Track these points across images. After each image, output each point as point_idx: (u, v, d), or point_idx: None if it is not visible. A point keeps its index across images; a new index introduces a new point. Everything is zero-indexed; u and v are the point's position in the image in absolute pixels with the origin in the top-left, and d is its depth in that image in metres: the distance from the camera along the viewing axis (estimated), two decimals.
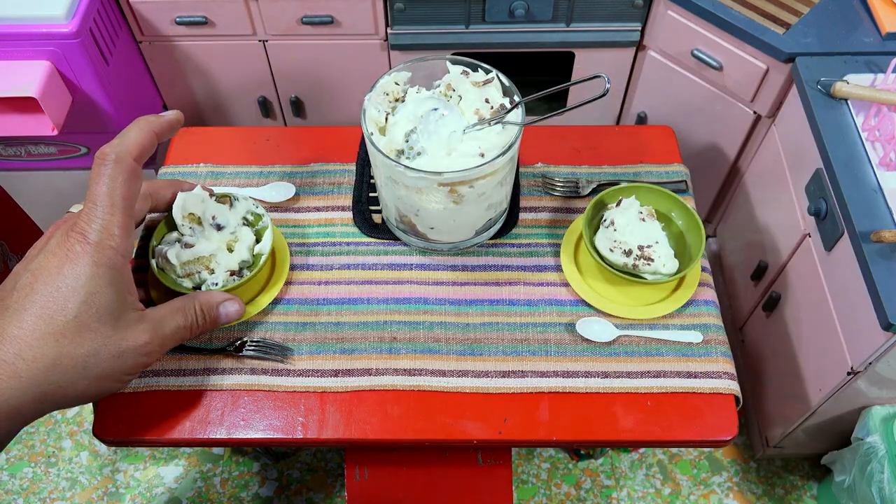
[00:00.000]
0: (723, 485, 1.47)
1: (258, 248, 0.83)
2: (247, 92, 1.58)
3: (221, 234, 0.80)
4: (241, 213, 0.83)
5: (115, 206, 0.62)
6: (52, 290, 0.59)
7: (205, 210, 0.80)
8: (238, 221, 0.83)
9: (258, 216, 0.84)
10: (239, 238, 0.82)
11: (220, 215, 0.81)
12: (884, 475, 1.11)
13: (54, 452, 1.52)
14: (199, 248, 0.78)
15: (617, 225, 0.86)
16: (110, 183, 0.62)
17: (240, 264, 0.80)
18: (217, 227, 0.80)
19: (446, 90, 0.84)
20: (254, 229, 0.84)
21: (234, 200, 0.83)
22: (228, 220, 0.81)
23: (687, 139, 1.50)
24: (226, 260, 0.80)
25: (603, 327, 0.85)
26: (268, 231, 0.82)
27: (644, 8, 1.38)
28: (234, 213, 0.82)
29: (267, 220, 0.83)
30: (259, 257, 0.83)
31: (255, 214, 0.84)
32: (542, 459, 1.49)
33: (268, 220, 0.83)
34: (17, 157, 1.50)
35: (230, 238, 0.81)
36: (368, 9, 1.39)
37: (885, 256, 0.96)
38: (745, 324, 1.46)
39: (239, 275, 0.80)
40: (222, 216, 0.81)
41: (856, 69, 1.16)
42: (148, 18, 1.42)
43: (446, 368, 0.83)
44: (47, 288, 0.59)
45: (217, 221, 0.80)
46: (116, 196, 0.62)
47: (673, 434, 0.79)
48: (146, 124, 0.66)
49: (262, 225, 0.84)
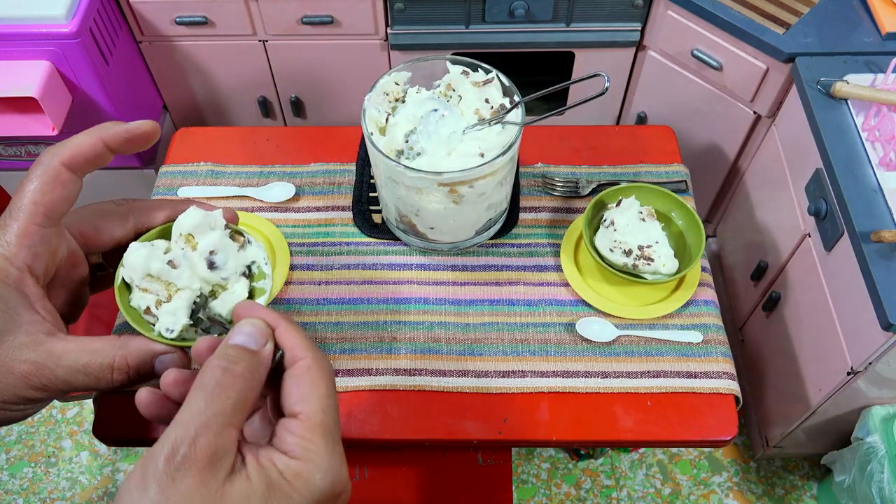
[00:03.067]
0: (723, 485, 1.47)
1: None
2: (247, 92, 1.58)
3: (210, 274, 0.62)
4: (246, 261, 0.65)
5: (20, 210, 0.54)
6: None
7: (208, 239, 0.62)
8: (238, 268, 0.64)
9: (262, 274, 0.65)
10: (228, 288, 0.64)
11: (220, 252, 0.63)
12: (884, 475, 1.11)
13: (54, 452, 1.52)
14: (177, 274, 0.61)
15: (617, 225, 0.86)
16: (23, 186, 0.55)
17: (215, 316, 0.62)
18: (210, 264, 0.62)
19: (446, 90, 0.84)
20: (249, 285, 0.65)
21: (248, 244, 0.65)
22: (227, 262, 0.63)
23: (687, 139, 1.50)
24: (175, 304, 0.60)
25: (603, 327, 0.85)
26: (264, 296, 0.64)
27: (644, 8, 1.38)
28: (239, 255, 0.64)
29: (267, 284, 0.65)
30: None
31: (261, 271, 0.65)
32: (542, 459, 1.49)
33: (269, 283, 0.65)
34: (17, 157, 1.50)
35: (219, 282, 0.63)
36: (368, 9, 1.39)
37: (885, 256, 0.96)
38: (745, 324, 1.46)
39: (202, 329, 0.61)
40: (223, 255, 0.63)
41: (856, 69, 1.16)
42: (148, 18, 1.42)
43: (446, 368, 0.83)
44: None
45: (213, 258, 0.62)
46: (25, 200, 0.54)
47: (673, 434, 0.79)
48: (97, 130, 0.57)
49: (260, 285, 0.65)
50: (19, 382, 0.53)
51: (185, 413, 0.41)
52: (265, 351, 0.46)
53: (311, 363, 0.46)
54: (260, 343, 0.46)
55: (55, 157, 0.55)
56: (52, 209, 0.54)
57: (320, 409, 0.45)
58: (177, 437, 0.40)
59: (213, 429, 0.40)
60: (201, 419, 0.40)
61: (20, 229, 0.54)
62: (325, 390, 0.46)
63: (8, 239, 0.54)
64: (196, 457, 0.39)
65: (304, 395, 0.45)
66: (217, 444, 0.40)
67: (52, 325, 0.55)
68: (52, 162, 0.54)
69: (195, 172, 1.00)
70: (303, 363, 0.46)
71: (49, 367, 0.53)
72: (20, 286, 0.54)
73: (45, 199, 0.54)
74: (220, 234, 0.63)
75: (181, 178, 1.00)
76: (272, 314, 0.49)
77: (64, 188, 0.55)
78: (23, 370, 0.52)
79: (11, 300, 0.53)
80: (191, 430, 0.40)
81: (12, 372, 0.52)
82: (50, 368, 0.53)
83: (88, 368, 0.54)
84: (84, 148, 0.56)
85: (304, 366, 0.46)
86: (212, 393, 0.42)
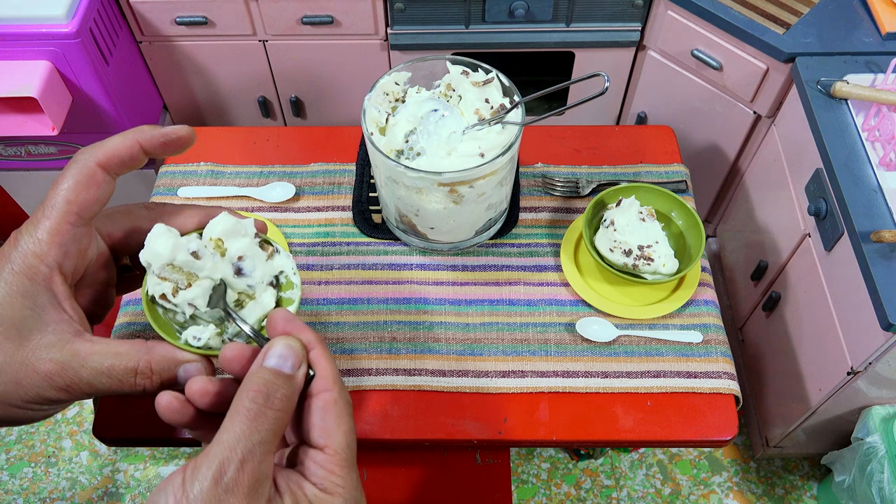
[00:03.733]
0: (723, 485, 1.47)
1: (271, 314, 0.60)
2: (247, 92, 1.58)
3: (238, 280, 0.62)
4: (275, 270, 0.64)
5: (53, 208, 0.53)
6: None
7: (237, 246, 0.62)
8: (265, 278, 0.63)
9: (290, 284, 0.64)
10: (256, 298, 0.63)
11: (248, 259, 0.62)
12: (884, 475, 1.11)
13: (54, 452, 1.52)
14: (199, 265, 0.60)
15: (617, 225, 0.86)
16: (58, 183, 0.55)
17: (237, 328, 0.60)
18: (237, 270, 0.61)
19: (446, 90, 0.84)
20: (277, 295, 0.64)
21: (276, 253, 0.64)
22: (255, 270, 0.62)
23: (687, 139, 1.50)
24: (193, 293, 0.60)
25: (603, 327, 0.85)
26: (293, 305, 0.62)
27: (644, 8, 1.38)
28: (267, 265, 0.63)
29: (296, 294, 0.64)
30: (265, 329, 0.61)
31: (289, 281, 0.64)
32: (542, 459, 1.49)
33: (297, 293, 0.64)
34: (17, 157, 1.50)
35: (244, 290, 0.63)
36: (368, 9, 1.39)
37: (885, 256, 0.96)
38: (745, 324, 1.46)
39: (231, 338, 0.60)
40: (250, 262, 0.62)
41: (856, 69, 1.16)
42: (148, 18, 1.42)
43: (446, 368, 0.83)
44: None
45: (240, 264, 0.61)
46: (59, 199, 0.54)
47: (673, 434, 0.79)
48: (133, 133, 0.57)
49: (289, 295, 0.64)
50: (43, 382, 0.52)
51: (229, 435, 0.41)
52: (299, 375, 0.46)
53: (337, 397, 0.46)
54: (295, 366, 0.46)
55: (91, 157, 0.55)
56: (85, 208, 0.54)
57: (346, 445, 0.46)
58: (223, 458, 0.40)
59: (258, 456, 0.41)
60: (247, 445, 0.41)
61: (52, 227, 0.53)
62: (348, 426, 0.46)
63: (39, 236, 0.53)
64: (243, 482, 0.40)
65: (331, 429, 0.46)
66: (260, 470, 0.41)
67: (79, 324, 0.54)
68: (87, 162, 0.55)
69: (195, 172, 1.00)
70: (329, 395, 0.46)
71: (73, 367, 0.53)
72: (49, 284, 0.54)
73: (78, 198, 0.54)
74: (250, 241, 0.62)
75: (181, 178, 1.00)
76: (310, 334, 0.49)
77: (98, 188, 0.55)
78: (47, 369, 0.52)
79: (40, 298, 0.53)
80: (237, 453, 0.41)
81: (37, 371, 0.52)
82: (74, 369, 0.53)
83: (113, 371, 0.53)
84: (120, 150, 0.56)
85: (330, 399, 0.46)
86: (254, 421, 0.42)
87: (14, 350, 0.52)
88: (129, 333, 0.86)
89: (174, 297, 0.55)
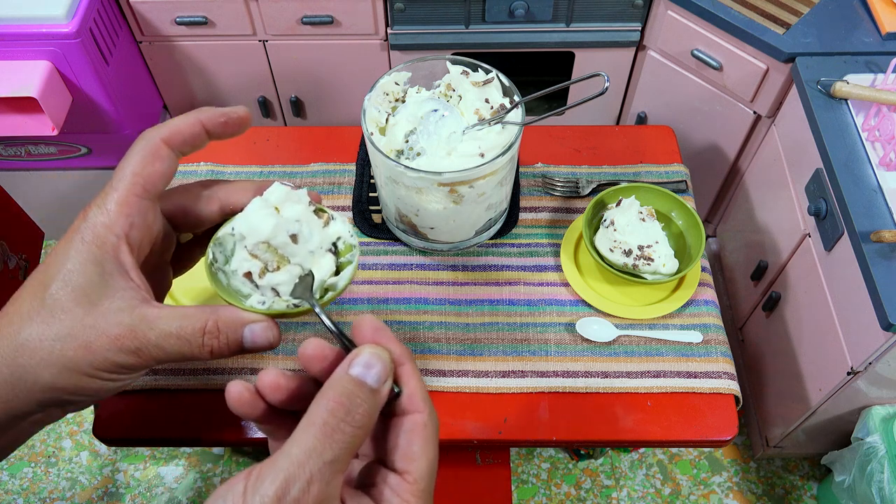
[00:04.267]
0: (723, 485, 1.47)
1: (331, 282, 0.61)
2: (247, 92, 1.58)
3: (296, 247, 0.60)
4: (332, 237, 0.63)
5: (121, 181, 0.55)
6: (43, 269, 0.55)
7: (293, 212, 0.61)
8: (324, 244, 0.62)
9: (349, 247, 0.63)
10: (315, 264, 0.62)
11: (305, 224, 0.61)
12: (884, 475, 1.11)
13: (54, 452, 1.53)
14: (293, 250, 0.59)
15: (617, 225, 0.86)
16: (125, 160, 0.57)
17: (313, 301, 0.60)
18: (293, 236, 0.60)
19: (446, 90, 0.84)
20: (338, 259, 0.63)
21: (331, 220, 0.63)
22: (313, 235, 0.62)
23: (687, 139, 1.50)
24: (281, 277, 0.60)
25: (603, 327, 0.85)
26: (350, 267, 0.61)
27: (644, 8, 1.38)
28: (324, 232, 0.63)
29: (355, 255, 0.63)
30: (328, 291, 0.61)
31: (347, 244, 0.63)
32: (542, 459, 1.49)
33: (356, 255, 0.63)
34: (17, 157, 1.50)
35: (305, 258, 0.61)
36: (368, 9, 1.39)
37: (885, 256, 0.96)
38: (745, 324, 1.46)
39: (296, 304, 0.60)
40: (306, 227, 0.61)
41: (856, 69, 1.16)
42: (148, 18, 1.42)
43: (446, 368, 0.83)
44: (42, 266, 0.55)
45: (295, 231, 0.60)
46: (127, 171, 0.56)
47: (673, 434, 0.79)
48: (195, 112, 0.60)
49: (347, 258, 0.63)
50: (112, 345, 0.53)
51: (299, 448, 0.38)
52: (384, 390, 0.42)
53: (426, 420, 0.43)
54: (381, 379, 0.42)
55: (156, 134, 0.57)
56: (150, 182, 0.56)
57: (428, 475, 0.42)
58: (289, 475, 0.37)
59: (326, 476, 0.38)
60: (316, 464, 0.38)
61: (120, 198, 0.55)
62: (434, 454, 0.43)
63: (108, 207, 0.55)
64: (306, 503, 0.37)
65: (416, 454, 0.42)
66: (327, 492, 0.38)
67: (146, 293, 0.56)
68: (153, 138, 0.56)
69: (195, 172, 1.00)
70: (419, 417, 0.43)
71: (142, 330, 0.54)
72: (116, 253, 0.55)
73: (145, 171, 0.55)
74: (304, 208, 0.62)
75: (181, 179, 1.00)
76: (400, 348, 0.45)
77: (163, 163, 0.57)
78: (117, 333, 0.53)
79: (108, 266, 0.54)
80: (305, 472, 0.37)
81: (107, 334, 0.53)
82: (143, 332, 0.54)
83: (182, 332, 0.54)
84: (183, 128, 0.58)
85: (420, 421, 0.43)
86: (329, 437, 0.39)
87: (83, 315, 0.53)
88: None
89: (261, 277, 0.53)
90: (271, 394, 0.44)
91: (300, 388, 0.45)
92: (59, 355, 0.53)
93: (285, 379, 0.44)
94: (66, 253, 0.54)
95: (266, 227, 0.52)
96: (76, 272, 0.53)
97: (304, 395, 0.44)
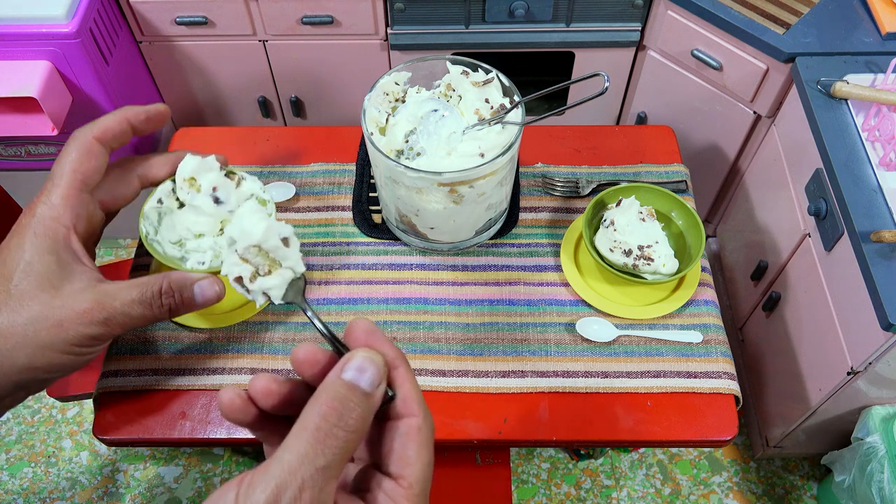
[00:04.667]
0: (723, 485, 1.47)
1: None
2: (247, 92, 1.58)
3: (218, 208, 0.73)
4: (246, 193, 0.75)
5: (61, 177, 0.62)
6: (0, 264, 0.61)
7: (208, 179, 0.73)
8: (240, 202, 0.75)
9: (263, 202, 0.75)
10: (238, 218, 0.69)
11: (221, 189, 0.73)
12: (884, 475, 1.11)
13: (54, 452, 1.53)
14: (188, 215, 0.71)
15: (617, 225, 0.86)
16: (62, 157, 0.63)
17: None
18: (215, 199, 0.73)
19: (446, 90, 0.84)
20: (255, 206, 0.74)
21: (242, 180, 0.75)
22: (230, 197, 0.74)
23: (687, 139, 1.50)
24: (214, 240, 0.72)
25: (603, 327, 0.85)
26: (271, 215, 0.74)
27: (644, 8, 1.38)
28: (238, 192, 0.75)
29: (271, 208, 0.75)
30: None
31: (261, 199, 0.76)
32: (542, 459, 1.49)
33: (272, 207, 0.75)
34: (17, 157, 1.50)
35: (226, 216, 0.74)
36: (368, 9, 1.39)
37: (885, 256, 0.96)
38: (745, 324, 1.46)
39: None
40: (224, 191, 0.73)
41: (856, 69, 1.16)
42: (148, 18, 1.42)
43: (446, 368, 0.83)
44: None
45: (216, 194, 0.73)
46: (65, 168, 0.63)
47: (673, 434, 0.79)
48: (121, 111, 0.67)
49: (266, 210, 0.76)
50: (83, 318, 0.60)
51: (291, 454, 0.37)
52: (378, 394, 0.41)
53: (421, 424, 0.42)
54: (374, 383, 0.41)
55: (88, 132, 0.64)
56: (88, 176, 0.63)
57: (423, 479, 0.41)
58: (281, 482, 0.36)
59: (319, 483, 0.37)
60: (308, 470, 0.37)
61: (63, 193, 0.62)
62: (429, 458, 0.42)
63: (53, 201, 0.62)
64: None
65: (411, 458, 0.41)
66: (319, 498, 0.37)
67: (99, 274, 0.63)
68: (86, 136, 0.64)
69: None
70: (414, 422, 0.42)
71: (108, 300, 0.61)
72: (68, 242, 0.62)
73: (82, 167, 0.63)
74: (217, 174, 0.73)
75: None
76: (394, 351, 0.44)
77: (97, 159, 0.64)
78: (85, 307, 0.60)
79: (63, 255, 0.61)
80: (296, 478, 0.36)
81: (76, 310, 0.60)
82: (109, 302, 0.61)
83: (143, 297, 0.62)
84: (112, 125, 0.65)
85: (415, 425, 0.42)
86: (321, 443, 0.38)
87: (50, 298, 0.59)
88: None
89: (252, 282, 0.53)
90: (263, 399, 0.43)
91: (292, 393, 0.44)
92: (34, 336, 0.59)
93: (277, 384, 0.43)
94: (21, 247, 0.61)
95: (257, 231, 0.52)
96: (35, 262, 0.60)
97: (297, 400, 0.43)
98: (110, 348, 0.84)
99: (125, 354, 0.83)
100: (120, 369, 0.82)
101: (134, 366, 0.82)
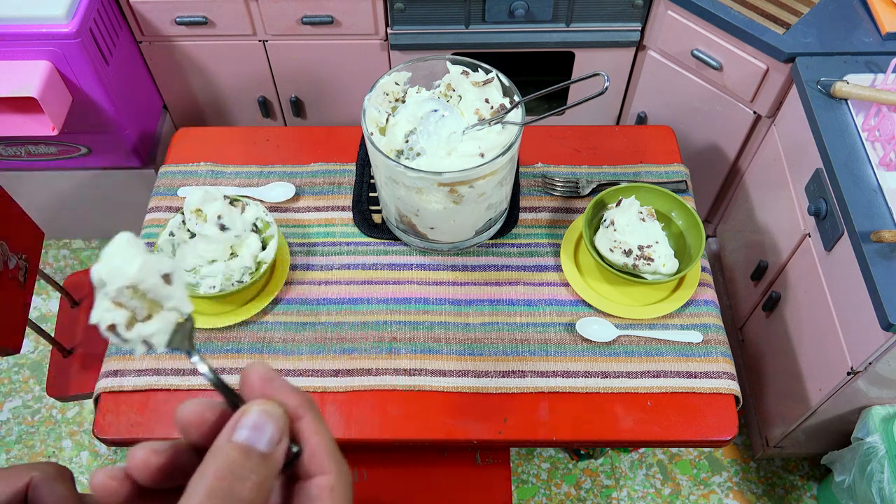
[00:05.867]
0: (723, 485, 1.47)
1: (261, 256, 0.84)
2: (247, 92, 1.58)
3: (224, 234, 0.80)
4: (251, 219, 0.83)
5: None
6: None
7: (213, 208, 0.80)
8: (245, 227, 0.83)
9: (266, 224, 0.84)
10: (244, 243, 0.82)
11: (226, 216, 0.80)
12: (884, 475, 1.11)
13: (54, 452, 1.52)
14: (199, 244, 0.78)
15: (617, 225, 0.86)
16: None
17: (241, 270, 0.80)
18: (221, 226, 0.80)
19: (446, 90, 0.84)
20: (261, 236, 0.84)
21: (246, 206, 0.83)
22: (235, 222, 0.81)
23: (687, 139, 1.50)
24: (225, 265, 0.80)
25: (603, 327, 0.85)
26: (273, 240, 0.83)
27: (644, 8, 1.38)
28: (242, 218, 0.82)
29: (274, 230, 0.83)
30: (261, 265, 0.83)
31: (265, 222, 0.84)
32: (542, 459, 1.49)
33: (275, 229, 0.84)
34: (17, 157, 1.50)
35: (234, 242, 0.81)
36: (368, 9, 1.39)
37: (885, 256, 0.96)
38: (745, 324, 1.45)
39: (239, 280, 0.81)
40: (228, 218, 0.81)
41: (856, 69, 1.16)
42: (148, 18, 1.42)
43: (446, 368, 0.83)
44: None
45: (222, 221, 0.80)
46: None
47: (673, 434, 0.79)
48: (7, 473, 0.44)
49: (268, 233, 0.85)
50: None
51: None
52: (278, 453, 0.34)
53: (334, 482, 0.35)
54: (273, 441, 0.34)
55: None
56: None
57: None
58: None
59: None
60: None
61: None
62: None
63: None
64: None
65: None
66: None
67: None
68: None
69: (195, 172, 1.00)
70: (324, 480, 0.35)
71: None
72: None
73: None
74: (222, 203, 0.79)
75: (181, 178, 1.00)
76: (297, 398, 0.37)
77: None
78: None
79: None
80: None
81: None
82: None
83: None
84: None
85: (325, 485, 0.35)
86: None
87: None
88: None
89: (128, 329, 0.43)
90: (142, 475, 0.36)
91: (172, 464, 0.36)
92: None
93: (157, 455, 0.36)
94: None
95: (131, 269, 0.42)
96: None
97: (181, 470, 0.36)
98: (110, 348, 0.84)
99: (125, 354, 0.83)
100: (120, 369, 0.82)
101: (134, 366, 0.82)
